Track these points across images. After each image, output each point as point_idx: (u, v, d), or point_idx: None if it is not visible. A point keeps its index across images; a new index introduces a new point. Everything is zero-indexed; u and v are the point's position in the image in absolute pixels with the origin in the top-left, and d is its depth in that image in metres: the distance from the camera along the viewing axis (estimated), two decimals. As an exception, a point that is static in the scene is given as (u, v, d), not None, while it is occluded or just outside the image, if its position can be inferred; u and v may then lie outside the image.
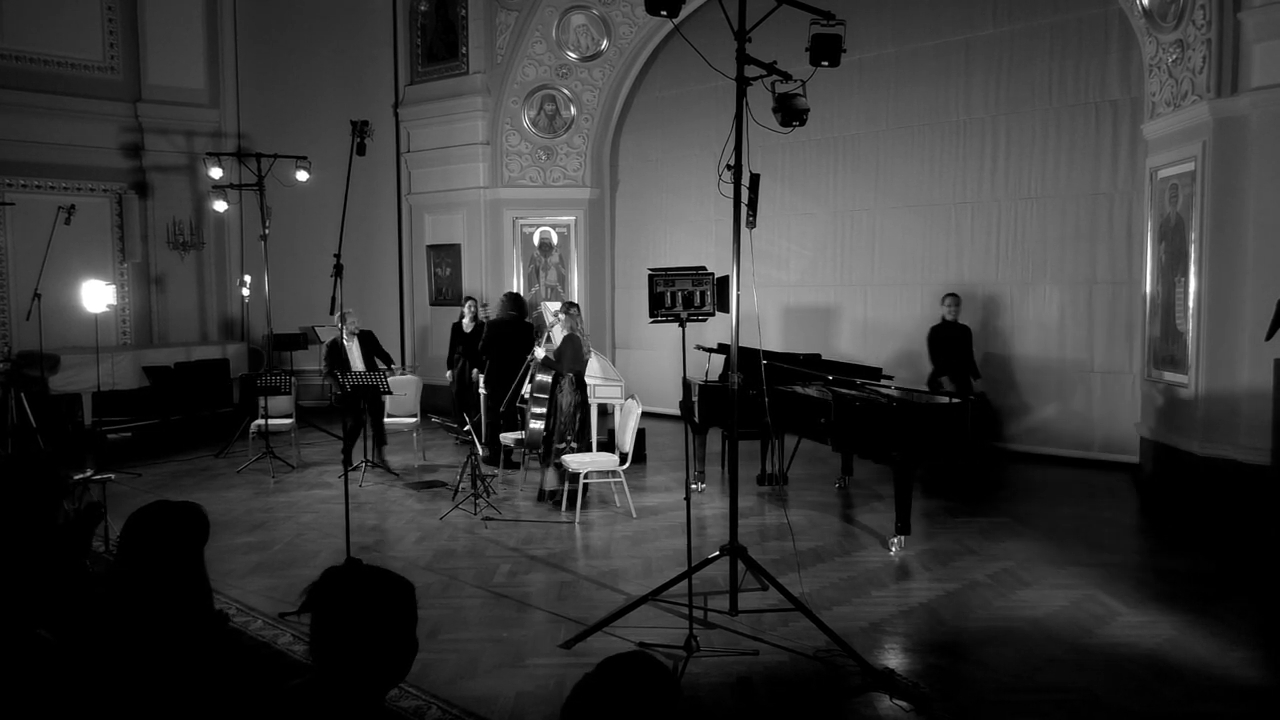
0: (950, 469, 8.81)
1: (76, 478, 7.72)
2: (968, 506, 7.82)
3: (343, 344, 9.14)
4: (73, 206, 10.23)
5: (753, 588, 5.54)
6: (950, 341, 9.32)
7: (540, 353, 7.97)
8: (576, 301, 10.01)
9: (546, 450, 7.95)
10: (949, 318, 9.34)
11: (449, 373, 10.42)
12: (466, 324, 10.69)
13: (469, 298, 11.11)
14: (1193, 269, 7.51)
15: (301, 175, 11.57)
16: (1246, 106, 7.10)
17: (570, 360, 7.87)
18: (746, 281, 5.33)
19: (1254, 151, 7.08)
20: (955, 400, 6.84)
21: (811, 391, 7.41)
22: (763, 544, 6.72)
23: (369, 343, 9.43)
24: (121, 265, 12.85)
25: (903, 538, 6.55)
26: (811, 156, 11.27)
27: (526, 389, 7.98)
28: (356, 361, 9.20)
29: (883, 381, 7.51)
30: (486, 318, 10.59)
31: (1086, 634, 5.05)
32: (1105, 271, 9.32)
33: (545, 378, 7.94)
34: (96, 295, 9.24)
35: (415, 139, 13.10)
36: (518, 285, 12.38)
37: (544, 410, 7.95)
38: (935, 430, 6.62)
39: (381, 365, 9.35)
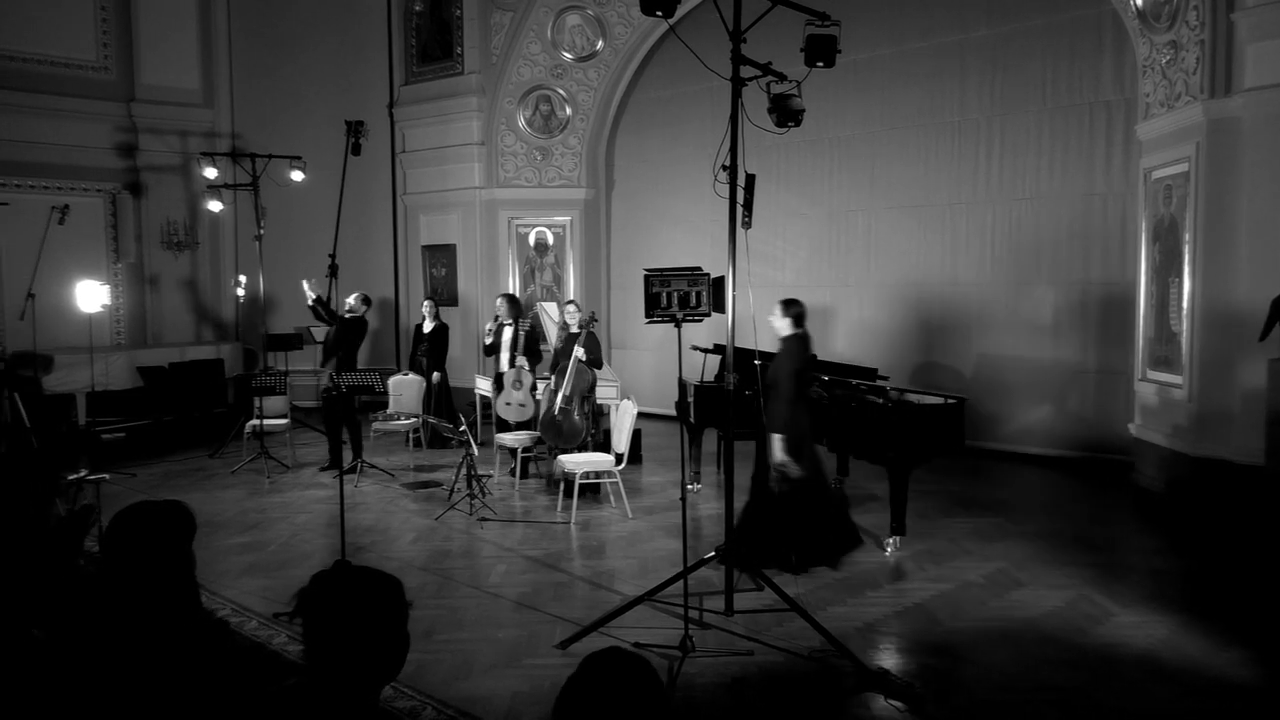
0: (945, 469, 8.82)
1: (70, 478, 7.72)
2: (962, 507, 7.84)
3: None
4: (66, 206, 10.21)
5: (748, 588, 5.54)
6: None
7: (582, 353, 8.01)
8: (575, 299, 10.04)
9: (581, 444, 8.05)
10: None
11: (409, 372, 10.41)
12: (427, 325, 10.67)
13: (428, 298, 11.08)
14: (1187, 269, 7.52)
15: (296, 175, 11.56)
16: (1239, 108, 7.12)
17: (600, 357, 8.32)
18: (742, 281, 5.33)
19: (1247, 152, 7.09)
20: (951, 400, 6.85)
21: (808, 392, 7.40)
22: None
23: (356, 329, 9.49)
24: (116, 265, 12.83)
25: (898, 538, 6.55)
26: (807, 157, 11.27)
27: (567, 387, 7.98)
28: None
29: (879, 382, 7.52)
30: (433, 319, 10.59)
31: (1080, 634, 5.06)
32: (1099, 272, 9.34)
33: (588, 377, 8.05)
34: (91, 295, 9.24)
35: (410, 139, 13.10)
36: (513, 286, 12.38)
37: (579, 407, 8.02)
38: (931, 431, 6.63)
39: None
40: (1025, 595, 5.67)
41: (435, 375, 10.34)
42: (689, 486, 8.14)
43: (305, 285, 9.36)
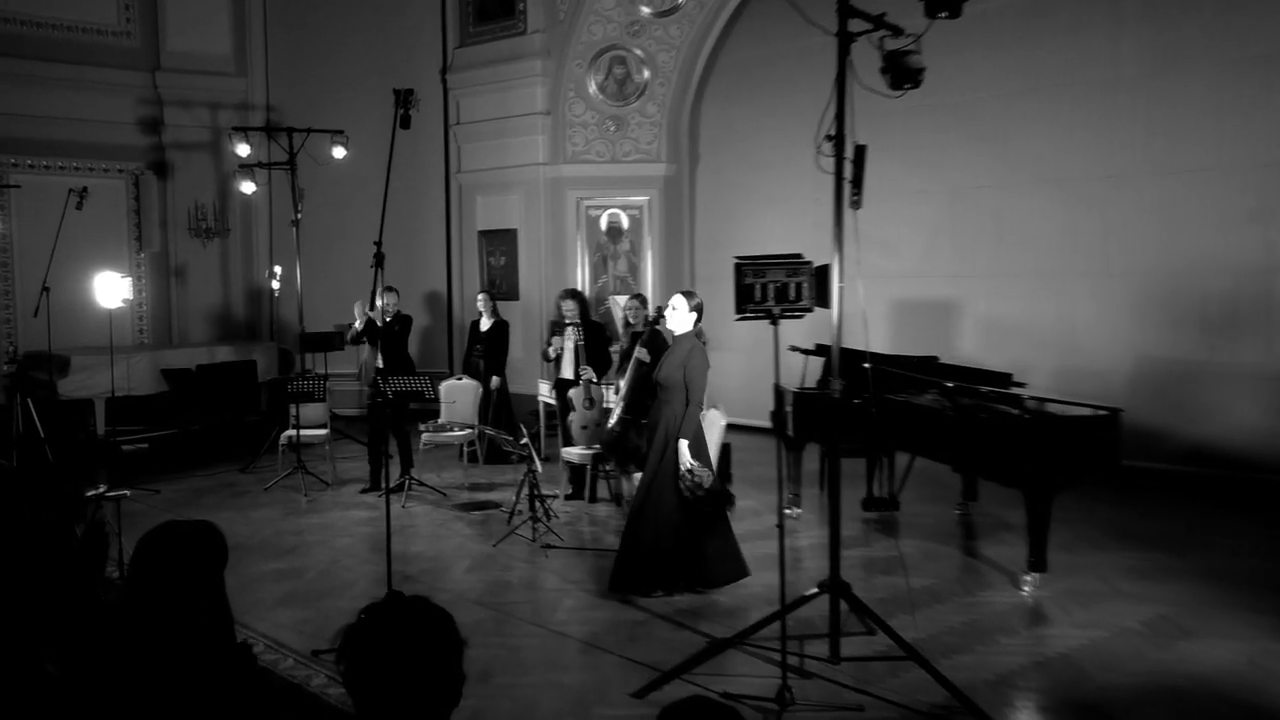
0: (1094, 493, 8.61)
1: (88, 494, 7.97)
2: (1115, 539, 7.66)
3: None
4: (84, 189, 10.49)
5: (857, 631, 5.49)
6: None
7: (644, 354, 8.02)
8: (642, 294, 10.09)
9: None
10: None
11: (463, 376, 10.50)
12: (484, 322, 10.74)
13: (484, 292, 11.16)
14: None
15: (338, 152, 11.79)
16: None
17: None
18: (850, 272, 5.28)
19: None
20: (1103, 411, 6.67)
21: (927, 401, 7.32)
22: (869, 580, 6.66)
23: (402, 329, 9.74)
24: (138, 255, 13.25)
25: (1037, 575, 6.42)
26: (926, 125, 11.10)
27: (627, 395, 8.02)
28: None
29: (1013, 389, 7.37)
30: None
31: (1260, 694, 4.90)
32: (1285, 258, 9.02)
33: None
34: (111, 289, 9.48)
35: (466, 109, 13.28)
36: (582, 278, 12.45)
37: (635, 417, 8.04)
38: (1077, 447, 6.48)
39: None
40: (1193, 647, 5.51)
41: (494, 380, 10.45)
42: (787, 511, 8.06)
43: (359, 310, 9.48)
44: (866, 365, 6.03)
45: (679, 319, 6.41)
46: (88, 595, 3.39)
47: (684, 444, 6.22)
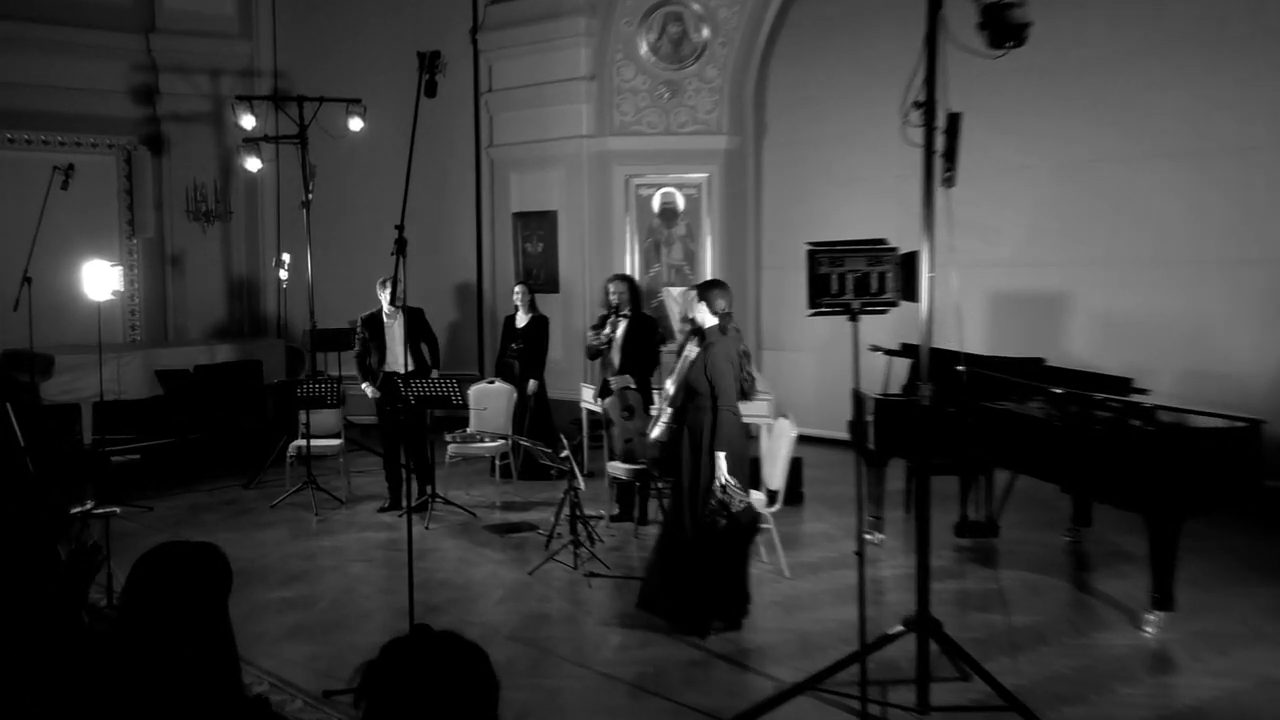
0: (1230, 519, 8.47)
1: (74, 511, 8.08)
2: (1257, 572, 7.55)
3: (383, 321, 9.43)
4: (70, 166, 10.61)
5: (949, 676, 5.45)
6: None
7: (692, 352, 8.00)
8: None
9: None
10: None
11: (496, 379, 10.53)
12: (520, 318, 10.76)
13: (521, 283, 11.18)
14: None
15: (354, 124, 11.89)
16: None
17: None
18: (941, 260, 5.24)
19: None
20: (1242, 423, 6.56)
21: (1031, 409, 7.25)
22: (963, 617, 6.61)
23: (417, 323, 9.71)
24: (130, 241, 13.46)
25: (1162, 614, 6.34)
26: (1031, 89, 10.99)
27: (676, 397, 8.00)
28: (397, 345, 9.42)
29: (1135, 396, 7.28)
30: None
31: None
32: None
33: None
34: (100, 279, 9.57)
35: (499, 74, 13.36)
36: (631, 265, 12.47)
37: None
38: (1212, 465, 6.38)
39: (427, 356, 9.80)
40: (1347, 699, 5.41)
41: (530, 384, 10.49)
42: (867, 536, 8.01)
43: (368, 391, 9.69)
44: (960, 368, 5.98)
45: (701, 314, 6.51)
46: (74, 626, 3.44)
47: (720, 456, 6.24)
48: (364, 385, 9.63)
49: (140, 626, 2.56)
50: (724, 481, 6.19)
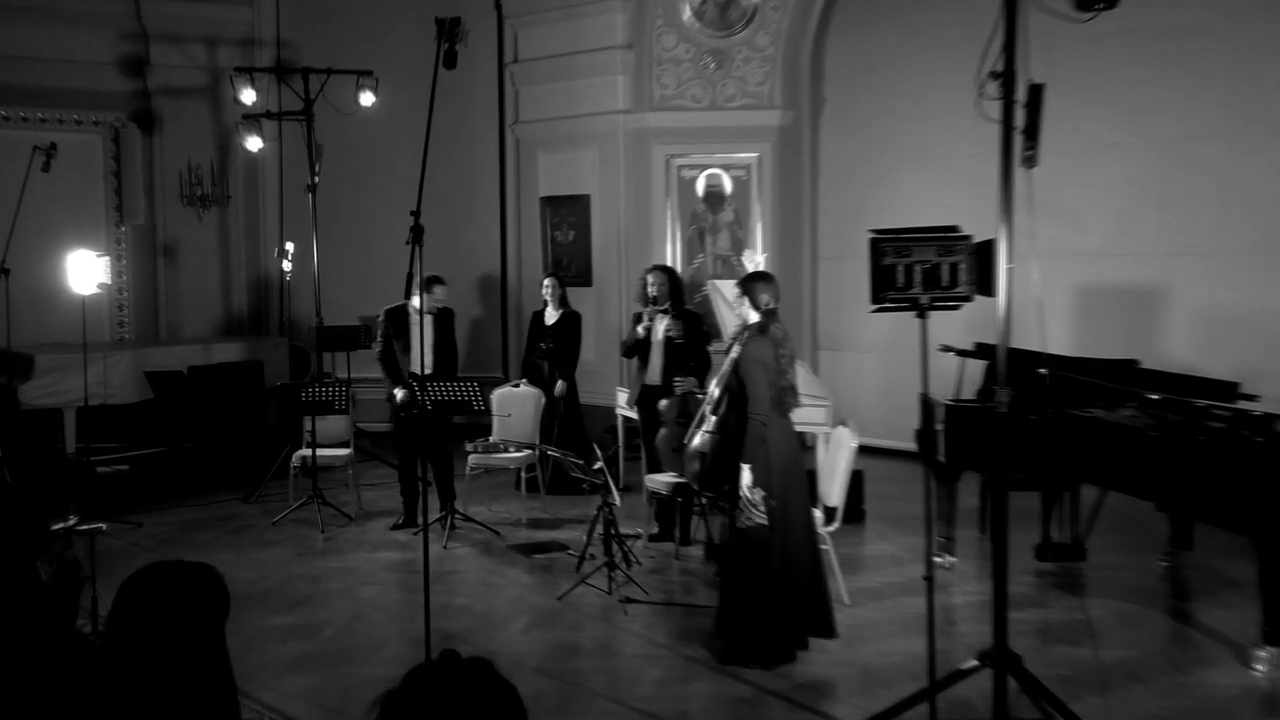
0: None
1: (55, 527, 8.16)
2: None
3: (408, 315, 9.46)
4: (53, 145, 10.68)
5: (1030, 717, 5.40)
6: None
7: (737, 350, 8.00)
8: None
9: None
10: None
11: (522, 382, 10.52)
12: (549, 314, 10.74)
13: (550, 275, 11.16)
14: None
15: (365, 99, 11.95)
16: None
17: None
18: (1021, 249, 5.22)
19: None
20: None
21: (1124, 418, 7.20)
22: (1046, 650, 6.57)
23: (444, 326, 9.76)
24: (119, 229, 13.57)
25: (1273, 649, 6.27)
26: (1124, 57, 10.92)
27: (721, 403, 8.00)
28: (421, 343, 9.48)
29: (1242, 403, 7.21)
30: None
31: None
32: None
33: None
34: (85, 271, 9.65)
35: (526, 44, 13.40)
36: (672, 255, 12.47)
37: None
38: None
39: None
40: None
41: (559, 385, 10.51)
42: (937, 559, 7.99)
43: (399, 395, 9.61)
44: (1043, 371, 5.95)
45: (745, 311, 6.53)
46: (56, 654, 3.46)
47: (744, 468, 6.26)
48: (396, 391, 9.56)
49: (127, 657, 2.57)
50: (743, 494, 6.20)
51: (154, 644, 2.55)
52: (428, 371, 9.21)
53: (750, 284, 6.55)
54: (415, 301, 9.25)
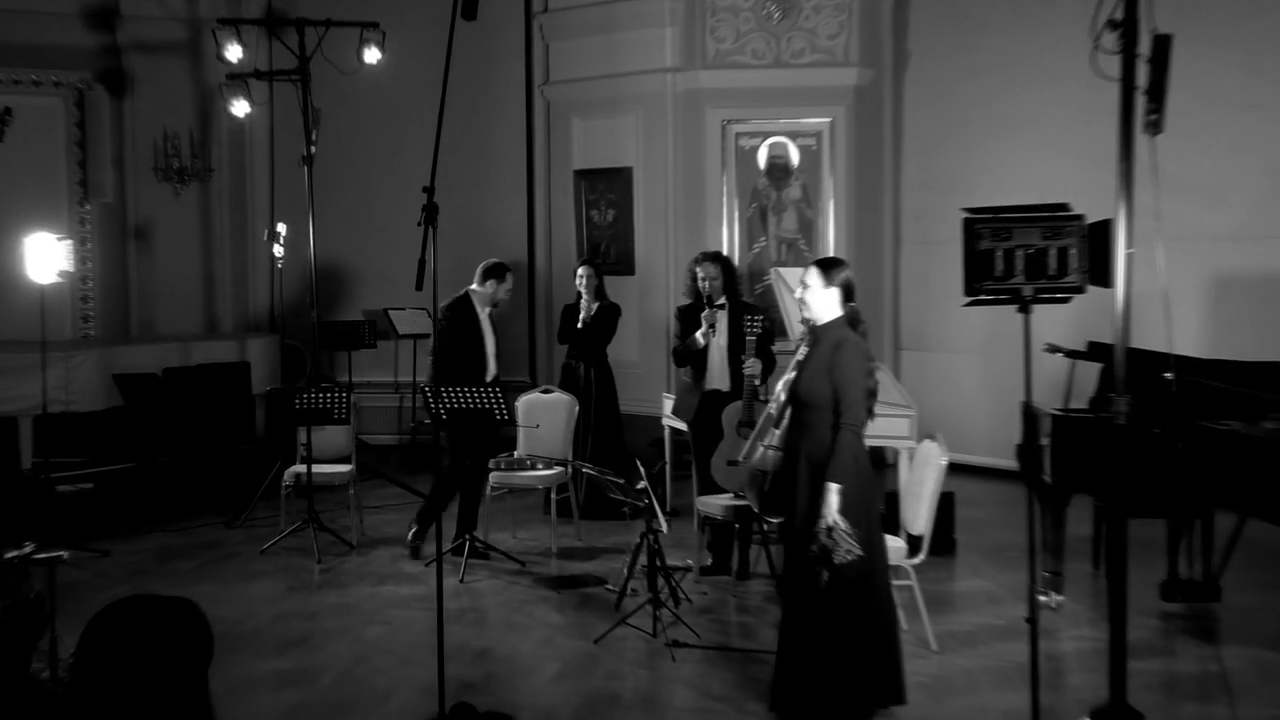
0: None
1: (9, 555, 8.24)
2: None
3: (476, 312, 9.58)
4: (7, 110, 10.85)
5: (1152, 786, 5.40)
6: None
7: (802, 352, 7.99)
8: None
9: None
10: None
11: (553, 388, 10.52)
12: (585, 305, 10.70)
13: (585, 262, 11.10)
14: None
15: (370, 55, 11.98)
16: None
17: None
18: (1143, 231, 5.20)
19: None
20: None
21: (1266, 431, 7.16)
22: (1172, 708, 6.55)
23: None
24: (83, 208, 13.66)
25: None
26: (1262, 4, 10.87)
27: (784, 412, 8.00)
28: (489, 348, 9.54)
29: None
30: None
31: None
32: None
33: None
34: (43, 256, 9.69)
35: (557, -11, 13.44)
36: (729, 239, 12.47)
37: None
38: None
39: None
40: None
41: (584, 371, 10.54)
42: (1042, 597, 7.97)
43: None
44: (1169, 375, 5.92)
45: (818, 302, 6.29)
46: (9, 705, 3.50)
47: (834, 490, 6.10)
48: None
49: (93, 707, 2.59)
50: (832, 522, 6.12)
51: (124, 692, 2.56)
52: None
53: (832, 269, 6.40)
54: (479, 289, 9.32)
